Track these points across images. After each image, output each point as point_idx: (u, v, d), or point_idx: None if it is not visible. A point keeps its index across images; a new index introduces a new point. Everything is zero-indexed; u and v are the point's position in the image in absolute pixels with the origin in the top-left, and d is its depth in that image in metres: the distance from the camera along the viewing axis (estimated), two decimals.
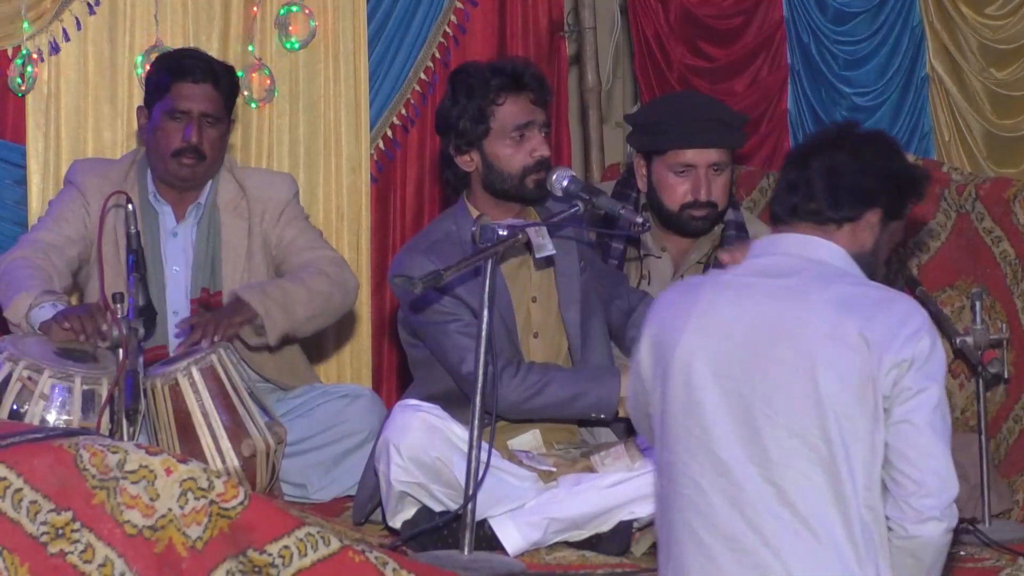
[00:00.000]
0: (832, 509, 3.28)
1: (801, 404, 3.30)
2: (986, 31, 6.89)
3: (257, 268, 5.18)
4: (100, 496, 3.66)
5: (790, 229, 3.49)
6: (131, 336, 4.27)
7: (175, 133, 5.06)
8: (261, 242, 5.19)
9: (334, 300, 5.13)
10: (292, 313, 5.01)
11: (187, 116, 5.06)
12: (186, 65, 5.10)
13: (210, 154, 5.10)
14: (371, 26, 6.10)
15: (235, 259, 5.16)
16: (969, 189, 5.50)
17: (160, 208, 5.16)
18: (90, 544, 3.63)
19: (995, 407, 5.33)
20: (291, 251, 5.20)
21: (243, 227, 5.19)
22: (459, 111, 4.70)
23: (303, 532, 3.77)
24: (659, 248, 5.26)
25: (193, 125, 5.05)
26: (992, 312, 5.35)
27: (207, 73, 5.08)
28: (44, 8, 5.66)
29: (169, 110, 5.06)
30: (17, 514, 3.59)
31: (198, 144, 5.06)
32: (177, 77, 5.07)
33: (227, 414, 4.64)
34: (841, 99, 6.89)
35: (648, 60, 6.73)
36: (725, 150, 5.17)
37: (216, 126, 5.10)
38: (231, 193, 5.20)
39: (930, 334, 3.36)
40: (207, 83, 5.07)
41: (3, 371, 4.53)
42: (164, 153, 5.08)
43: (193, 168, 5.09)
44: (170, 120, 5.06)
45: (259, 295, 4.96)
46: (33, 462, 3.64)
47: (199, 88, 5.07)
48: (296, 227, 5.23)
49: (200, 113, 5.06)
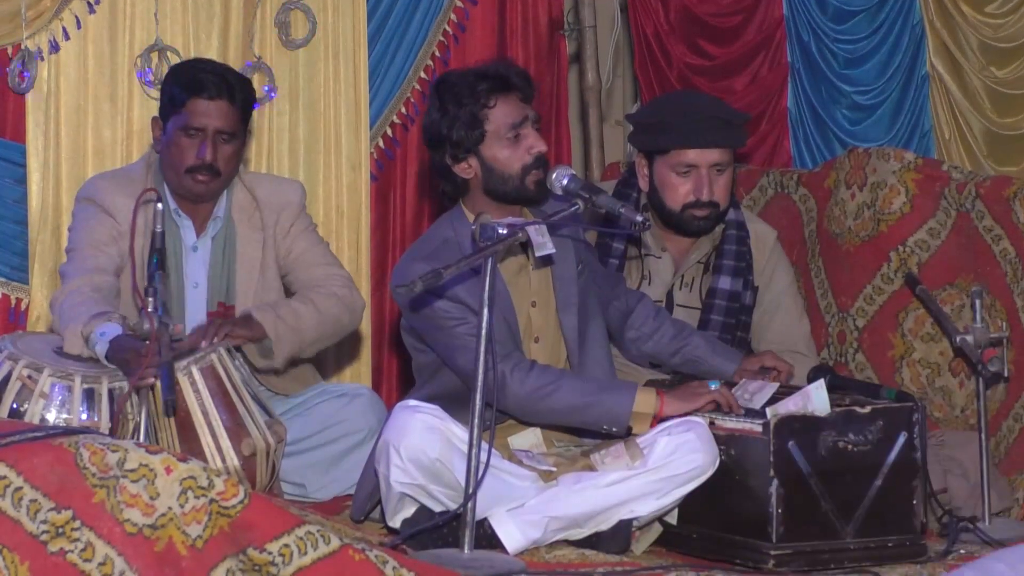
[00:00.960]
0: None
1: None
2: (986, 29, 6.89)
3: (271, 281, 5.16)
4: (100, 495, 3.66)
5: None
6: (163, 331, 4.25)
7: (189, 150, 5.00)
8: (273, 253, 5.17)
9: (342, 322, 5.15)
10: (301, 336, 5.01)
11: (202, 133, 4.99)
12: (201, 80, 5.01)
13: (225, 170, 5.05)
14: (371, 25, 6.11)
15: (249, 272, 5.13)
16: (969, 187, 5.50)
17: (181, 223, 5.12)
18: (90, 543, 3.63)
19: (995, 405, 5.33)
20: (300, 265, 5.19)
21: (258, 239, 5.16)
22: (450, 120, 4.66)
23: (303, 530, 3.76)
24: (659, 248, 5.25)
25: (208, 143, 4.99)
26: (992, 311, 5.35)
27: (222, 88, 5.00)
28: (44, 7, 5.66)
29: (183, 126, 4.99)
30: (17, 513, 3.59)
31: (213, 162, 5.00)
32: (192, 92, 4.99)
33: (227, 413, 4.63)
34: (841, 97, 6.89)
35: (648, 58, 6.73)
36: (727, 150, 5.17)
37: (231, 142, 5.04)
38: (244, 202, 5.16)
39: None
40: (222, 99, 5.00)
41: (3, 370, 4.53)
42: (178, 169, 5.02)
43: (208, 185, 5.04)
44: (184, 136, 5.00)
45: (272, 317, 4.95)
46: (33, 461, 3.64)
47: (214, 105, 4.99)
48: (306, 239, 5.22)
49: (215, 130, 4.99)
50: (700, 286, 5.26)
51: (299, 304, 5.06)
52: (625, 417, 4.56)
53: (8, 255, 5.66)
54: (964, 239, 5.51)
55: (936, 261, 5.54)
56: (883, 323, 5.59)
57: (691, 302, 5.25)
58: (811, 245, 5.80)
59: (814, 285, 5.76)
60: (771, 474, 4.40)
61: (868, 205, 5.62)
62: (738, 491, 4.47)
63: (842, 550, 4.48)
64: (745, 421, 4.51)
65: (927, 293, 5.34)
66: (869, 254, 5.62)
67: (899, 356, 5.55)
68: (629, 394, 4.57)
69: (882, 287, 5.59)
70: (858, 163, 5.70)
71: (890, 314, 5.58)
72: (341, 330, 5.18)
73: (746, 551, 4.46)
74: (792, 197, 5.91)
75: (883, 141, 6.75)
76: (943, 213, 5.55)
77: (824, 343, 5.67)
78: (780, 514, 4.40)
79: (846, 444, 4.48)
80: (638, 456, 4.49)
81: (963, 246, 5.51)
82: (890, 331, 5.57)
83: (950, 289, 5.50)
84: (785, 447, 4.41)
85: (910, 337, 5.54)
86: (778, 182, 5.96)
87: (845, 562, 4.49)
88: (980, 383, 4.98)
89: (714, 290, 5.23)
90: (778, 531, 4.40)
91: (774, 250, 5.36)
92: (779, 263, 5.38)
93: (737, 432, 4.51)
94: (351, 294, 5.17)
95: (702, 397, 4.60)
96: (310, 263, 5.19)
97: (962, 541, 4.69)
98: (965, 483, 5.06)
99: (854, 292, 5.64)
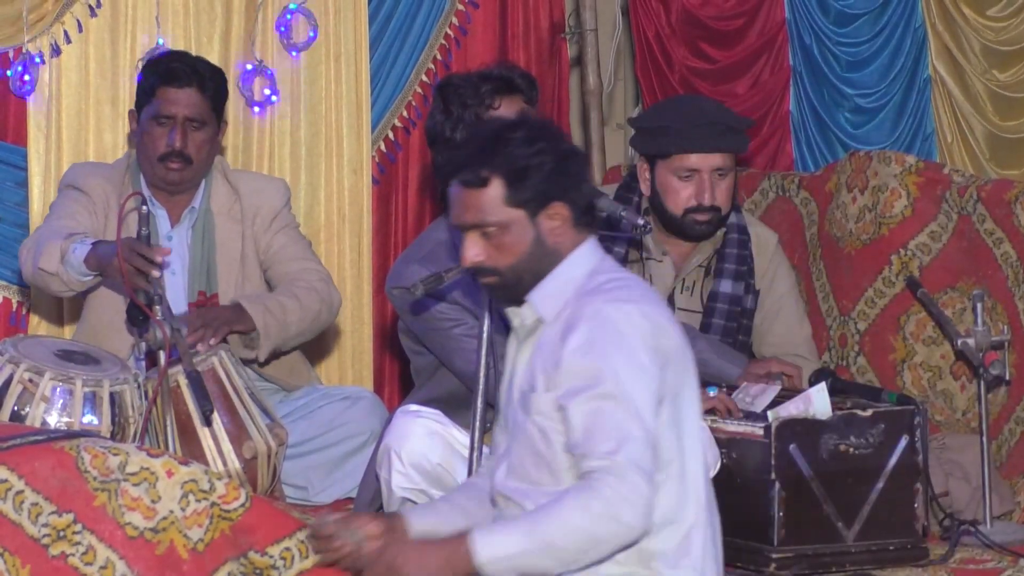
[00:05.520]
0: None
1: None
2: (988, 33, 6.88)
3: (251, 272, 5.20)
4: (101, 498, 3.66)
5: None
6: (176, 337, 4.28)
7: (160, 138, 5.09)
8: (253, 246, 5.21)
9: (321, 318, 5.19)
10: (286, 330, 5.06)
11: (171, 120, 5.09)
12: (172, 69, 5.12)
13: (196, 158, 5.12)
14: (372, 28, 6.10)
15: (230, 262, 5.18)
16: (971, 191, 5.50)
17: (155, 212, 5.16)
18: (91, 546, 3.63)
19: (996, 409, 5.32)
20: (279, 259, 5.23)
21: (237, 230, 5.21)
22: (454, 122, 4.67)
23: (304, 534, 3.76)
24: (660, 251, 5.25)
25: (177, 129, 5.08)
26: (993, 314, 5.34)
27: (191, 77, 5.10)
28: (45, 10, 5.66)
29: (155, 115, 5.10)
30: (18, 516, 3.59)
31: (183, 148, 5.09)
32: (162, 81, 5.10)
33: (228, 416, 4.64)
34: (843, 101, 6.89)
35: (649, 62, 6.73)
36: (729, 154, 5.17)
37: (202, 130, 5.12)
38: (224, 196, 5.21)
39: None
40: (191, 87, 5.10)
41: (4, 373, 4.53)
42: (151, 157, 5.11)
43: (180, 172, 5.12)
44: (156, 125, 5.09)
45: (261, 310, 4.99)
46: (34, 464, 3.64)
47: (183, 93, 5.09)
48: (287, 235, 5.26)
49: (184, 117, 5.09)
50: (701, 290, 5.26)
51: (285, 298, 5.10)
52: None
53: (9, 259, 5.65)
54: (965, 242, 5.50)
55: (937, 264, 5.54)
56: (884, 326, 5.58)
57: (692, 306, 5.24)
58: (812, 248, 5.79)
59: (815, 288, 5.76)
60: (772, 477, 4.41)
61: (869, 208, 5.62)
62: (739, 494, 4.47)
63: (843, 553, 4.49)
64: (746, 424, 4.51)
65: (928, 296, 5.34)
66: (870, 257, 5.61)
67: (900, 359, 5.54)
68: None
69: (883, 290, 5.59)
70: (859, 166, 5.70)
71: (891, 317, 5.57)
72: (320, 326, 5.22)
73: (747, 554, 4.46)
74: (793, 200, 5.91)
75: (885, 144, 6.73)
76: (944, 216, 5.54)
77: (825, 346, 5.67)
78: (781, 517, 4.40)
79: (847, 447, 4.48)
80: None
81: (964, 249, 5.50)
82: (891, 334, 5.57)
83: (951, 292, 5.49)
84: (786, 450, 4.41)
85: (911, 340, 5.54)
86: (779, 185, 5.96)
87: (846, 565, 4.49)
88: (982, 386, 4.97)
89: (715, 294, 5.22)
90: (779, 534, 4.41)
91: (775, 253, 5.36)
92: (780, 266, 5.37)
93: (738, 435, 4.51)
94: (328, 288, 5.21)
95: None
96: (289, 257, 5.23)
97: (963, 544, 4.69)
98: (967, 486, 5.05)
99: (855, 295, 5.64)
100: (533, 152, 3.56)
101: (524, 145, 3.56)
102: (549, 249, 3.58)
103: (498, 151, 3.56)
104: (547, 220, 3.58)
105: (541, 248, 3.58)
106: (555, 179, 3.56)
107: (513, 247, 3.57)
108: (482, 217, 3.58)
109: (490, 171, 3.56)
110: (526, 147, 3.56)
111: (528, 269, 3.58)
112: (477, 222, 3.59)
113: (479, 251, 3.60)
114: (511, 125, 3.65)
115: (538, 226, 3.57)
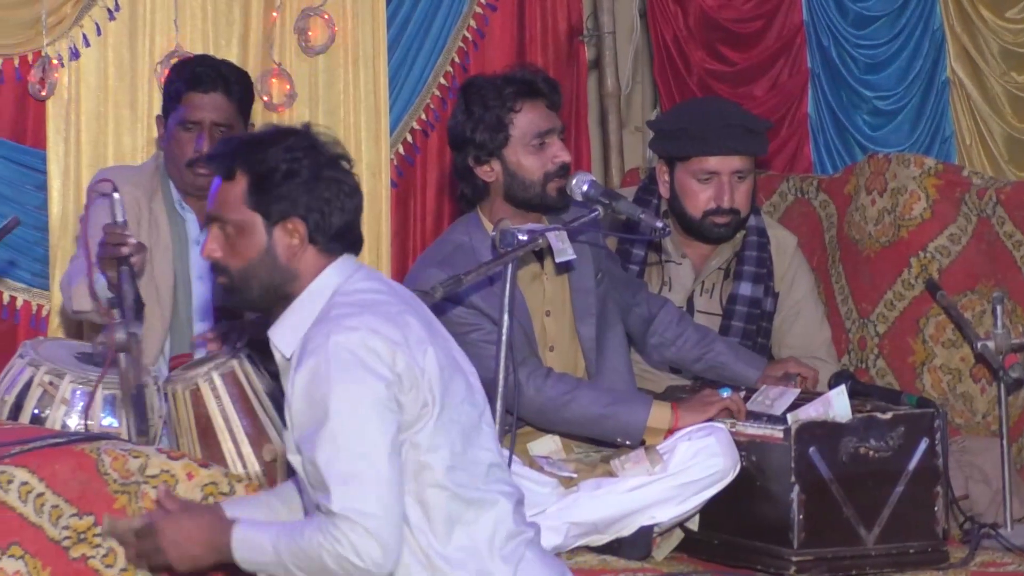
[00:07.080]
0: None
1: None
2: (1007, 35, 6.87)
3: None
4: (122, 500, 3.67)
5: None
6: (132, 342, 4.16)
7: (188, 144, 5.07)
8: None
9: None
10: None
11: (199, 126, 5.07)
12: (197, 74, 5.11)
13: None
14: (391, 31, 6.11)
15: None
16: (990, 193, 5.49)
17: (185, 215, 5.16)
18: (112, 548, 3.63)
19: (1016, 411, 5.32)
20: None
21: None
22: (475, 122, 4.68)
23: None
24: (679, 254, 5.25)
25: (205, 135, 5.06)
26: (1013, 316, 5.34)
27: (217, 81, 5.09)
28: (64, 13, 5.67)
29: (181, 120, 5.08)
30: (39, 518, 3.59)
31: None
32: (188, 87, 5.09)
33: (248, 419, 4.64)
34: (862, 103, 6.88)
35: (667, 64, 6.72)
36: (749, 157, 5.17)
37: (229, 134, 5.10)
38: None
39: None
40: (217, 92, 5.08)
41: (24, 376, 4.54)
42: (179, 163, 5.10)
43: (208, 178, 5.08)
44: (183, 131, 5.08)
45: None
46: (55, 466, 3.65)
47: (209, 97, 5.08)
48: None
49: (212, 122, 5.08)
50: (720, 292, 5.26)
51: None
52: (639, 432, 4.57)
53: (29, 261, 5.66)
54: (985, 245, 5.49)
55: (957, 267, 5.53)
56: (904, 329, 5.57)
57: (712, 308, 5.25)
58: (831, 251, 5.79)
59: (834, 291, 5.75)
60: (792, 480, 4.40)
61: (888, 211, 5.61)
62: (759, 497, 4.47)
63: (863, 556, 4.48)
64: (766, 427, 4.50)
65: (948, 299, 5.33)
66: (889, 260, 5.61)
67: (920, 362, 5.54)
68: (644, 408, 4.58)
69: (903, 293, 5.58)
70: (878, 169, 5.69)
71: (911, 320, 5.56)
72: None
73: (767, 557, 4.46)
74: (812, 203, 5.90)
75: (904, 146, 6.73)
76: (964, 219, 5.54)
77: (845, 349, 5.66)
78: (801, 520, 4.40)
79: (867, 450, 4.48)
80: (658, 461, 4.49)
81: (984, 252, 5.49)
82: (911, 337, 5.56)
83: (971, 295, 5.49)
84: (806, 453, 4.41)
85: (931, 343, 5.53)
86: (798, 188, 5.95)
87: (866, 568, 4.48)
88: (1001, 389, 4.97)
89: (735, 296, 5.22)
90: (799, 537, 4.40)
91: (795, 256, 5.35)
92: (799, 269, 5.37)
93: (758, 438, 4.51)
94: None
95: (714, 406, 4.60)
96: None
97: (983, 548, 4.68)
98: (987, 489, 5.04)
99: (875, 298, 5.63)
100: (287, 159, 3.45)
101: (282, 151, 3.46)
102: (280, 264, 3.46)
103: (256, 150, 3.48)
104: (283, 234, 3.46)
105: (271, 260, 3.47)
106: (300, 194, 3.44)
107: (244, 251, 3.48)
108: (221, 211, 3.51)
109: (239, 166, 3.48)
110: (283, 154, 3.46)
111: (256, 277, 3.48)
112: (216, 215, 3.52)
113: (216, 247, 3.51)
114: (286, 132, 3.54)
115: (272, 237, 3.47)
